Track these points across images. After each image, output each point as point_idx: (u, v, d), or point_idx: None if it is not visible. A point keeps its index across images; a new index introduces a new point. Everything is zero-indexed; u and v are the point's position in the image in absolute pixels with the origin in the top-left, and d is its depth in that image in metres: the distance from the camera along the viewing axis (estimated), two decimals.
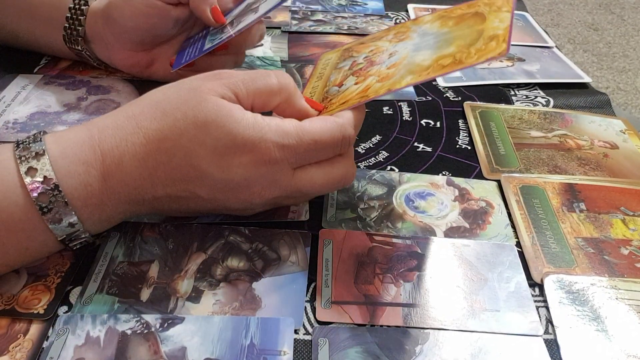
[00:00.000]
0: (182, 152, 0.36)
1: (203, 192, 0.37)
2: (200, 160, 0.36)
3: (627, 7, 2.51)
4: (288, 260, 0.40)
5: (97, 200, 0.36)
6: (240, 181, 0.37)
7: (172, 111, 0.36)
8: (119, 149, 0.36)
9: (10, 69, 0.59)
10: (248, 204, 0.39)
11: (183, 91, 0.37)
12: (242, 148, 0.36)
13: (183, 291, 0.37)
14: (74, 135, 0.36)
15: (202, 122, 0.36)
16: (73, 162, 0.35)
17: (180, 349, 0.34)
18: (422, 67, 0.42)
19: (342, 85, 0.46)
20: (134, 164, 0.36)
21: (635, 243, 0.43)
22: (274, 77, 0.39)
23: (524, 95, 0.62)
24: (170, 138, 0.36)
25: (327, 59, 0.52)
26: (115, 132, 0.36)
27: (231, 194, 0.38)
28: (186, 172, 0.36)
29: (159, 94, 0.38)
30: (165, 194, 0.37)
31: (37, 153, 0.35)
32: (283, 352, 0.34)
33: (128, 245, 0.40)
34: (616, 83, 2.01)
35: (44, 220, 0.34)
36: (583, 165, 0.51)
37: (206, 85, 0.37)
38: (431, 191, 0.47)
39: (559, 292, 0.39)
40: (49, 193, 0.34)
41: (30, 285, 0.37)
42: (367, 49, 0.49)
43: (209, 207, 0.40)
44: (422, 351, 0.35)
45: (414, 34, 0.48)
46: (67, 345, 0.34)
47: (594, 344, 0.36)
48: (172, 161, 0.36)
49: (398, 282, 0.39)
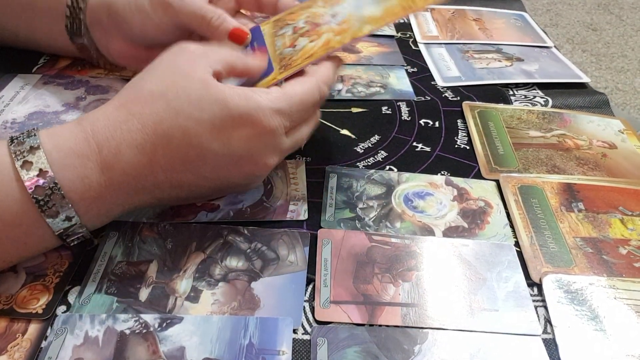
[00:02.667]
0: (180, 133, 0.36)
1: (206, 170, 0.38)
2: (199, 138, 0.36)
3: (626, 8, 2.52)
4: (287, 260, 0.40)
5: (96, 193, 0.36)
6: (243, 154, 0.38)
7: (161, 94, 0.36)
8: (114, 138, 0.36)
9: (9, 69, 0.59)
10: (252, 177, 0.40)
11: (166, 73, 0.38)
12: (240, 121, 0.37)
13: (182, 291, 0.37)
14: (67, 130, 0.36)
15: (196, 99, 0.36)
16: (68, 155, 0.35)
17: (179, 348, 0.34)
18: (375, 17, 0.45)
19: (294, 46, 0.46)
20: (132, 152, 0.36)
21: (633, 243, 0.43)
22: (228, 48, 0.43)
23: (522, 95, 0.62)
24: (166, 119, 0.36)
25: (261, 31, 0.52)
26: (108, 122, 0.36)
27: (234, 169, 0.38)
28: (186, 152, 0.36)
29: (141, 80, 0.38)
30: (166, 178, 0.37)
31: (31, 147, 0.34)
32: (282, 352, 0.34)
33: (127, 245, 0.40)
34: (615, 83, 2.02)
35: (40, 214, 0.34)
36: (582, 165, 0.51)
37: (186, 64, 0.38)
38: (430, 191, 0.47)
39: (558, 291, 0.39)
40: (45, 186, 0.34)
41: (28, 285, 0.37)
42: (302, 16, 0.50)
43: (211, 188, 0.40)
44: (421, 351, 0.35)
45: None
46: (66, 345, 0.34)
47: (592, 343, 0.36)
48: (172, 143, 0.36)
49: (397, 281, 0.39)
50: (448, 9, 0.79)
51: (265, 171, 0.40)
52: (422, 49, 0.69)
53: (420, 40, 0.71)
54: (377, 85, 0.61)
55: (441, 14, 0.78)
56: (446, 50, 0.69)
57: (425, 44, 0.70)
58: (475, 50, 0.69)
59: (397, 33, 0.72)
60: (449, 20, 0.76)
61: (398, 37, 0.72)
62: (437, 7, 0.79)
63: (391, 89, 0.61)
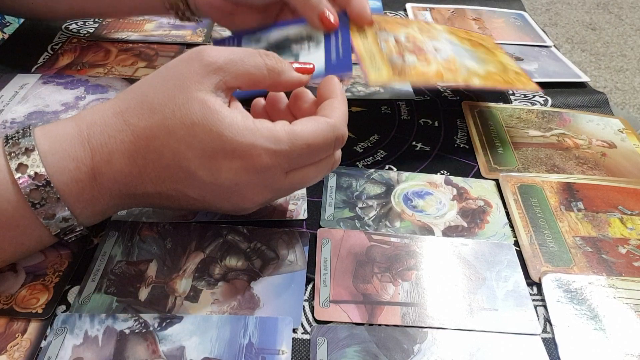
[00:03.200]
0: (170, 153, 0.35)
1: (193, 192, 0.37)
2: (188, 162, 0.35)
3: (625, 7, 2.52)
4: (286, 259, 0.40)
5: (89, 196, 0.35)
6: (231, 186, 0.36)
7: (160, 108, 0.35)
8: (107, 146, 0.35)
9: (9, 69, 0.59)
10: (240, 207, 0.38)
11: (170, 84, 0.36)
12: (232, 154, 0.35)
13: (181, 290, 0.37)
14: (63, 130, 0.36)
15: (189, 123, 0.35)
16: (63, 158, 0.35)
17: (179, 348, 0.34)
18: (480, 74, 0.47)
19: (403, 57, 0.46)
20: (123, 161, 0.35)
21: (632, 242, 0.43)
22: (259, 58, 0.38)
23: (522, 94, 0.62)
24: (158, 137, 0.35)
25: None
26: (104, 129, 0.36)
27: (221, 197, 0.37)
28: (175, 172, 0.36)
29: (145, 86, 0.37)
30: (156, 191, 0.37)
31: (26, 149, 0.34)
32: (281, 351, 0.34)
33: (126, 244, 0.40)
34: (614, 82, 2.02)
35: (37, 216, 0.34)
36: (581, 164, 0.51)
37: (193, 79, 0.36)
38: (429, 190, 0.47)
39: (557, 291, 0.39)
40: (40, 189, 0.34)
41: (28, 284, 0.37)
42: (400, 31, 0.49)
43: (200, 207, 0.39)
44: (421, 350, 0.35)
45: (440, 37, 0.50)
46: (65, 345, 0.34)
47: (591, 342, 0.36)
48: (161, 160, 0.35)
49: (396, 281, 0.39)
50: (447, 8, 0.79)
51: (254, 206, 0.39)
52: None
53: None
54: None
55: (440, 14, 0.78)
56: None
57: None
58: None
59: None
60: (448, 20, 0.76)
61: None
62: (437, 6, 0.79)
63: (390, 88, 0.61)
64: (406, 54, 0.46)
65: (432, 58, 0.46)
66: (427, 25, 0.52)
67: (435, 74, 0.44)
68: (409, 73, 0.44)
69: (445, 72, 0.44)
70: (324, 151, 0.38)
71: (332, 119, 0.38)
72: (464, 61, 0.47)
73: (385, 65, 0.45)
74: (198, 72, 0.36)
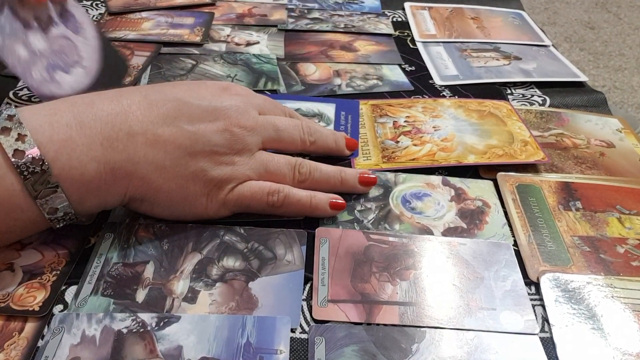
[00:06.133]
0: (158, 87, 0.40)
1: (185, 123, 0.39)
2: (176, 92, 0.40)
3: (624, 6, 2.52)
4: (284, 259, 0.40)
5: (65, 136, 0.35)
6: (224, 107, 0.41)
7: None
8: (89, 96, 0.38)
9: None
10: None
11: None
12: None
13: (179, 292, 0.37)
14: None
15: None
16: (38, 108, 0.36)
17: (177, 347, 0.34)
18: (478, 150, 0.50)
19: (397, 141, 0.51)
20: (106, 102, 0.38)
21: (631, 241, 0.43)
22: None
23: (520, 94, 0.62)
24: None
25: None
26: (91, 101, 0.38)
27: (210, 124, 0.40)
28: (163, 104, 0.39)
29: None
30: (142, 130, 0.37)
31: (9, 115, 0.34)
32: (279, 351, 0.34)
33: (122, 246, 0.40)
34: (612, 82, 2.02)
35: (8, 154, 0.34)
36: (579, 164, 0.51)
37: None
38: (427, 191, 0.47)
39: (555, 290, 0.39)
40: (7, 122, 0.34)
41: (25, 282, 0.37)
42: (402, 114, 0.54)
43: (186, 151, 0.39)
44: (419, 349, 0.35)
45: (444, 114, 0.55)
46: (63, 344, 0.34)
47: (589, 342, 0.36)
48: (149, 96, 0.39)
49: (394, 280, 0.39)
50: (446, 7, 0.79)
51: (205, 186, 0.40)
52: (419, 48, 0.69)
53: (418, 39, 0.71)
54: (373, 78, 0.62)
55: (439, 13, 0.78)
56: (444, 49, 0.69)
57: (423, 42, 0.70)
58: (473, 48, 0.69)
59: (395, 31, 0.72)
60: (446, 19, 0.76)
61: (396, 35, 0.72)
62: (435, 5, 0.79)
63: (387, 80, 0.62)
64: (401, 138, 0.51)
65: (429, 138, 0.51)
66: (433, 103, 0.56)
67: (427, 155, 0.49)
68: (399, 158, 0.49)
69: (438, 152, 0.49)
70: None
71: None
72: (463, 137, 0.51)
73: (376, 151, 0.50)
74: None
